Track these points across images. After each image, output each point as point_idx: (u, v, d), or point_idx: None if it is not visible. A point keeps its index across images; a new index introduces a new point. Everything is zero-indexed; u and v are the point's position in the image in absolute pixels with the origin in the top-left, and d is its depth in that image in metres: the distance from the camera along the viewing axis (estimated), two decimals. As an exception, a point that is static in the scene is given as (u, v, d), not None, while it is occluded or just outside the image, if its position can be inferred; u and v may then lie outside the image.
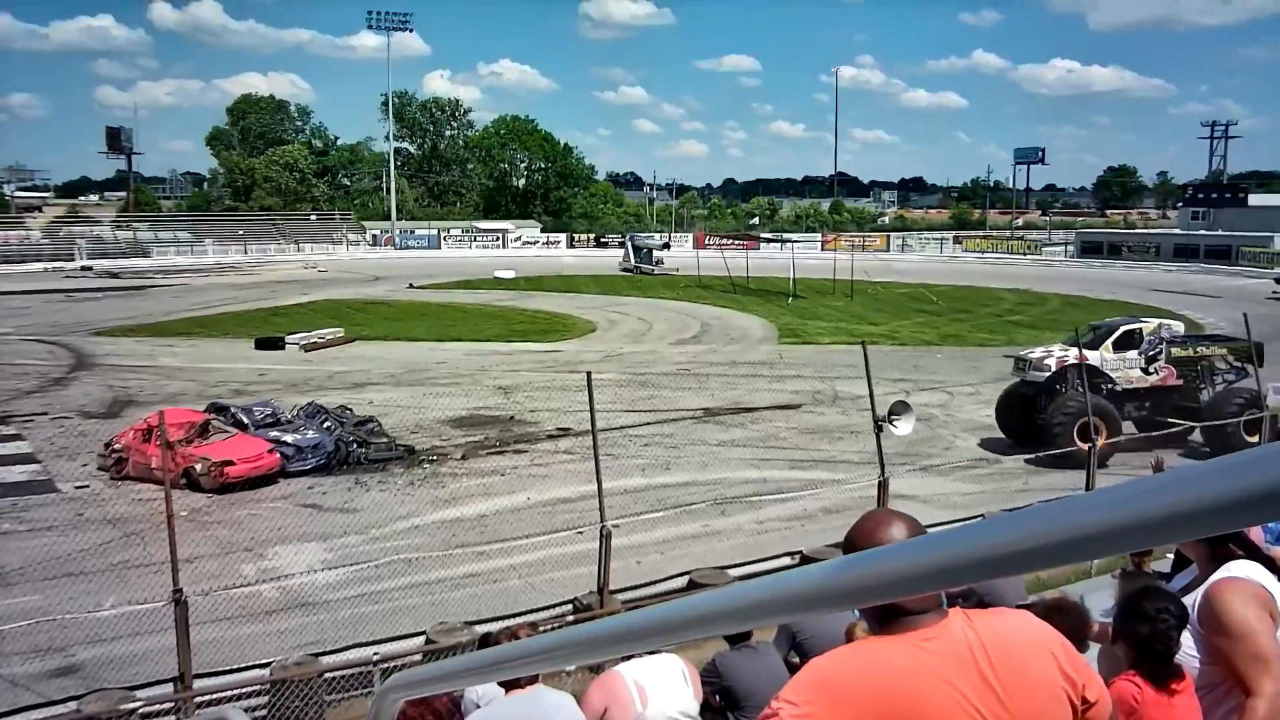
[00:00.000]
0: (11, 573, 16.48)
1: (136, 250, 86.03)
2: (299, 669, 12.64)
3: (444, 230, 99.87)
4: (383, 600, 15.24)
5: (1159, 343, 24.42)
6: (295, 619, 14.72)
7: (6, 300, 56.36)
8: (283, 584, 16.01)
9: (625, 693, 5.45)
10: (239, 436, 22.56)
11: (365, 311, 51.89)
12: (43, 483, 21.92)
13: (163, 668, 12.53)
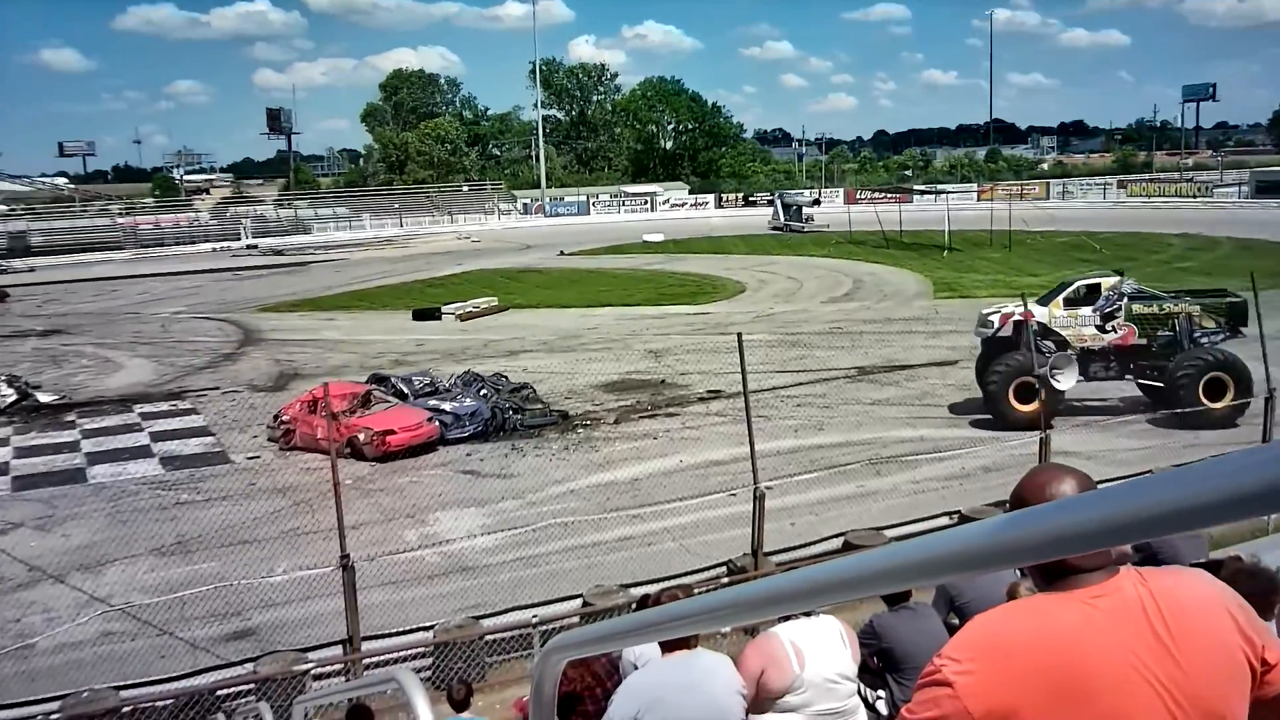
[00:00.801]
0: (191, 541, 17.30)
1: (298, 227, 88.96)
2: (461, 631, 12.96)
3: (592, 196, 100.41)
4: (540, 564, 15.51)
5: (1117, 299, 22.53)
6: (456, 583, 15.10)
7: (179, 280, 59.00)
8: (444, 549, 16.42)
9: (782, 654, 5.40)
10: (399, 406, 23.17)
11: (517, 280, 52.64)
12: (217, 454, 22.94)
13: (332, 630, 13.02)
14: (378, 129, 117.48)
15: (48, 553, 16.70)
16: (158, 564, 16.39)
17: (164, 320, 44.26)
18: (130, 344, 38.17)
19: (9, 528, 18.41)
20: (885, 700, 6.63)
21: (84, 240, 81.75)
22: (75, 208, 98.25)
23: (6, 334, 42.49)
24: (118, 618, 14.28)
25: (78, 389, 30.62)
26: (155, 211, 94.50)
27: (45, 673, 12.90)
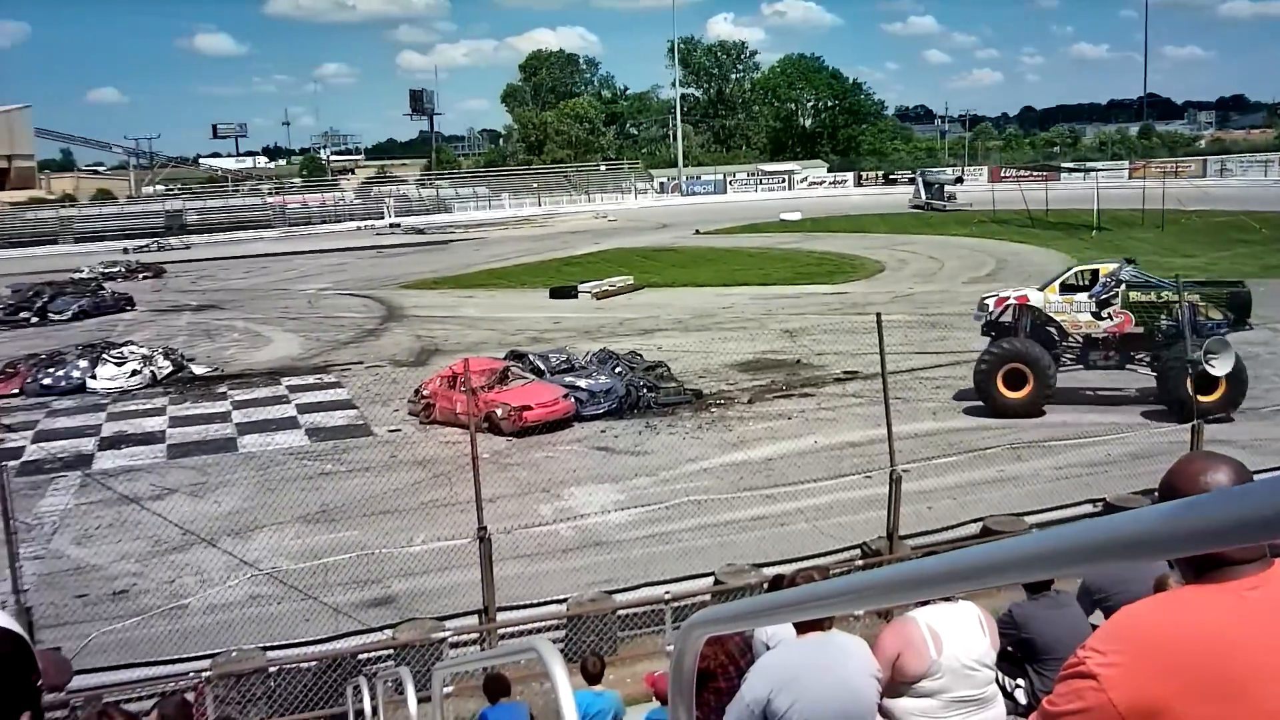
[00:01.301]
0: (334, 510, 17.80)
1: (439, 207, 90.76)
2: (594, 605, 13.07)
3: (729, 175, 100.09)
4: (672, 541, 15.54)
5: (1114, 285, 21.53)
6: (590, 557, 15.23)
7: (326, 258, 60.77)
8: (578, 523, 16.56)
9: (919, 638, 5.30)
10: (535, 383, 23.45)
11: (653, 259, 52.76)
12: (360, 427, 23.55)
13: (468, 600, 13.26)
14: (517, 109, 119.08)
15: (200, 517, 17.37)
16: (303, 531, 16.92)
17: (310, 296, 45.61)
18: (278, 319, 39.47)
19: (165, 493, 19.21)
20: (1024, 690, 6.45)
21: (236, 219, 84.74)
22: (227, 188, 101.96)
23: (163, 309, 44.36)
24: (265, 581, 14.78)
25: (229, 362, 31.81)
26: (303, 191, 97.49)
27: (197, 632, 13.42)
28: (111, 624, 13.08)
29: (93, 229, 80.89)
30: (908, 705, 5.33)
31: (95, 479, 19.76)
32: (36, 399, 27.43)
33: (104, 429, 24.34)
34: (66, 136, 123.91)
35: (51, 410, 26.31)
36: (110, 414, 25.71)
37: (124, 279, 53.70)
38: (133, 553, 16.33)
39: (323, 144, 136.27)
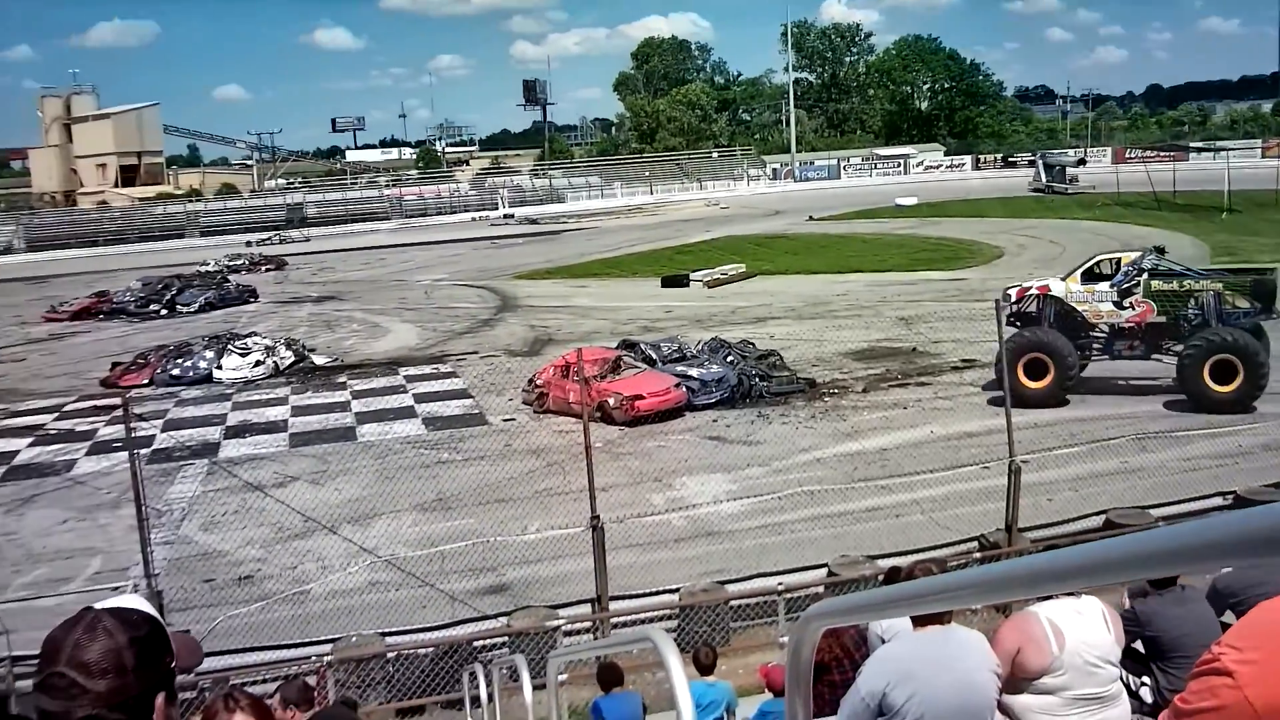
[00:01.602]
0: (450, 498, 18.06)
1: (552, 196, 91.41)
2: (706, 595, 13.04)
3: (843, 160, 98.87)
4: (785, 531, 15.43)
5: (1136, 274, 21.16)
6: (702, 547, 15.20)
7: (441, 249, 61.71)
8: (690, 513, 16.56)
9: (1040, 634, 5.15)
10: (648, 372, 23.47)
11: (766, 246, 52.42)
12: (475, 416, 23.87)
13: (581, 589, 13.34)
14: (629, 97, 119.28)
15: (321, 505, 17.77)
16: (420, 519, 17.22)
17: (427, 287, 46.36)
18: (396, 310, 40.22)
19: (287, 480, 19.71)
20: (1150, 688, 6.23)
21: (354, 211, 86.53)
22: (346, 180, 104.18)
23: (285, 300, 45.55)
24: (383, 568, 15.09)
25: (348, 352, 32.51)
26: (419, 183, 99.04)
27: (318, 617, 13.75)
28: (237, 608, 13.49)
29: (218, 223, 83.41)
30: (1028, 701, 5.19)
31: (221, 467, 20.37)
32: (166, 389, 28.38)
33: (229, 418, 25.08)
34: (193, 133, 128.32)
35: (180, 400, 27.21)
36: (235, 403, 26.49)
37: (247, 271, 55.28)
38: (257, 539, 16.80)
39: (438, 136, 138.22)
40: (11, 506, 19.85)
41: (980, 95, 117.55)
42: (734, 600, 13.04)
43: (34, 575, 16.16)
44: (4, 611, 12.86)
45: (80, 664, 1.89)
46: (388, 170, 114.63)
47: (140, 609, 2.08)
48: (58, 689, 1.88)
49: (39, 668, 1.93)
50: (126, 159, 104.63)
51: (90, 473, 21.27)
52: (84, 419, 25.57)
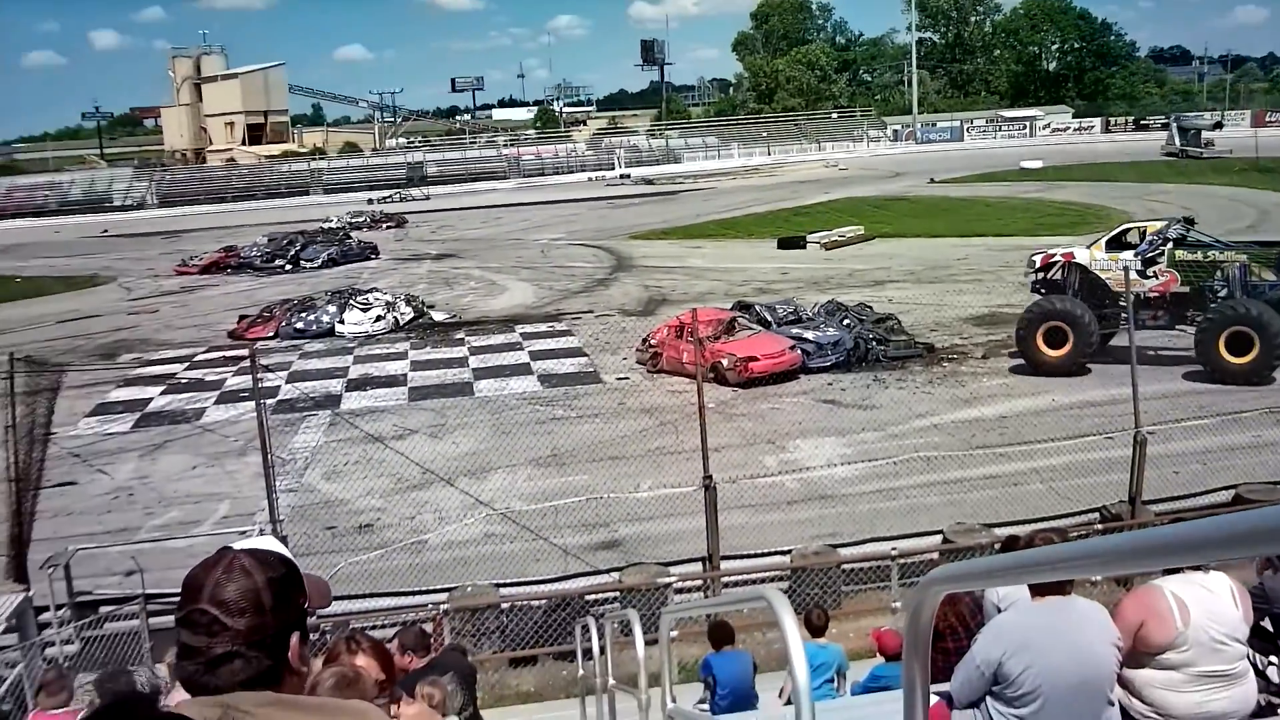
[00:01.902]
0: (564, 454, 18.26)
1: (668, 157, 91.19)
2: (818, 558, 13.00)
3: (967, 121, 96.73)
4: (899, 497, 15.28)
5: (1160, 243, 21.05)
6: (814, 510, 15.13)
7: (558, 208, 62.09)
8: (803, 476, 16.48)
9: (1164, 608, 5.01)
10: (762, 334, 23.35)
11: (885, 208, 51.62)
12: (589, 374, 24.06)
13: (692, 547, 13.41)
14: (748, 57, 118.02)
15: (439, 457, 18.12)
16: (534, 474, 17.46)
17: (543, 246, 46.71)
18: (513, 268, 40.64)
19: (406, 433, 20.13)
20: (1277, 668, 6.04)
21: (473, 170, 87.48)
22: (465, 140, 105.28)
23: (405, 257, 46.34)
24: (499, 521, 15.36)
25: (466, 309, 33.00)
26: (536, 143, 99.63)
27: (435, 567, 14.06)
28: (357, 555, 13.86)
29: (340, 181, 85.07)
30: (1150, 676, 5.07)
31: (343, 418, 20.90)
32: (290, 342, 29.17)
33: (351, 371, 25.70)
34: (317, 92, 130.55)
35: (304, 352, 27.95)
36: (357, 357, 27.12)
37: (369, 228, 56.37)
38: (376, 489, 17.22)
39: (556, 96, 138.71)
40: (145, 451, 20.66)
41: (1112, 56, 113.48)
42: (846, 564, 12.97)
43: (165, 518, 16.83)
44: (137, 551, 13.42)
45: (221, 601, 1.96)
46: (506, 130, 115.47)
47: (276, 551, 2.15)
48: (199, 625, 1.96)
49: (181, 604, 2.00)
50: (253, 118, 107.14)
51: (218, 421, 22.02)
52: (213, 369, 26.45)
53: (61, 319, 36.03)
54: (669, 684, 6.72)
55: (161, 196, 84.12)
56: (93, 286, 44.22)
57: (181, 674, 2.00)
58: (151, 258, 51.43)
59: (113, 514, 17.22)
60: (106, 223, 72.55)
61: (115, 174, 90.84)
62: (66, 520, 16.04)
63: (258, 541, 2.20)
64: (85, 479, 18.84)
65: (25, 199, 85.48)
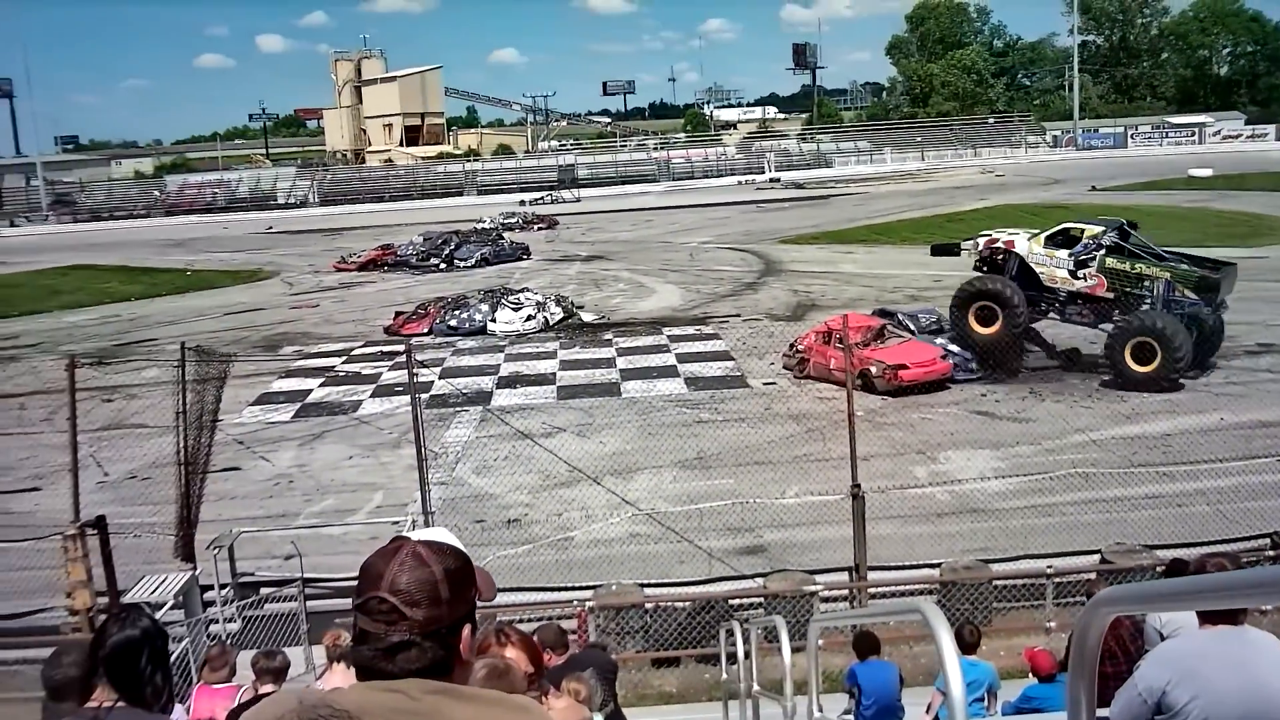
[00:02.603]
0: (710, 457, 18.27)
1: (819, 161, 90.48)
2: (968, 573, 12.71)
3: (1131, 127, 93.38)
4: (1055, 513, 14.83)
5: (1095, 248, 22.37)
6: (965, 523, 14.80)
7: (707, 212, 62.14)
8: (954, 488, 16.14)
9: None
10: (912, 341, 22.94)
11: (1042, 216, 49.93)
12: (736, 378, 24.02)
13: (838, 556, 13.27)
14: (902, 61, 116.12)
15: (586, 456, 18.31)
16: (680, 476, 17.51)
17: (692, 249, 46.80)
18: (661, 271, 40.82)
19: (554, 431, 20.39)
20: None
21: (623, 173, 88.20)
22: (616, 143, 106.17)
23: (556, 258, 46.97)
24: (644, 521, 15.44)
25: (614, 311, 33.29)
26: (686, 146, 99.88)
27: (580, 564, 14.22)
28: (505, 549, 14.08)
29: (494, 182, 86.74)
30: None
31: (494, 414, 21.30)
32: (443, 338, 29.85)
33: (502, 369, 26.16)
34: (472, 95, 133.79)
35: (456, 349, 28.54)
36: (508, 355, 27.59)
37: (521, 229, 57.29)
38: (525, 485, 17.49)
39: (706, 100, 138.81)
40: (304, 441, 21.39)
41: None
42: (998, 580, 12.66)
43: (322, 505, 17.40)
44: (296, 536, 13.89)
45: (400, 591, 2.00)
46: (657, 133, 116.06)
47: (451, 543, 2.19)
48: (378, 612, 2.00)
49: (359, 590, 2.05)
50: (410, 119, 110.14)
51: (374, 414, 22.68)
52: (369, 363, 27.22)
53: (228, 311, 37.61)
54: (815, 692, 6.66)
55: (322, 195, 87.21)
56: (257, 281, 46.03)
57: (357, 658, 2.06)
58: (312, 254, 53.30)
59: (273, 499, 17.89)
60: (271, 220, 75.47)
61: (279, 173, 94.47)
62: (230, 504, 16.70)
63: (432, 532, 2.24)
64: (248, 465, 19.61)
65: (196, 196, 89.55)
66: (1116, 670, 5.71)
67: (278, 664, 7.46)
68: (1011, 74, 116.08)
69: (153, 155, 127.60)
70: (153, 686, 3.42)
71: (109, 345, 32.37)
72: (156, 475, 16.16)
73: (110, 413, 22.25)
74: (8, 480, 18.95)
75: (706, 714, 10.68)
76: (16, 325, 37.59)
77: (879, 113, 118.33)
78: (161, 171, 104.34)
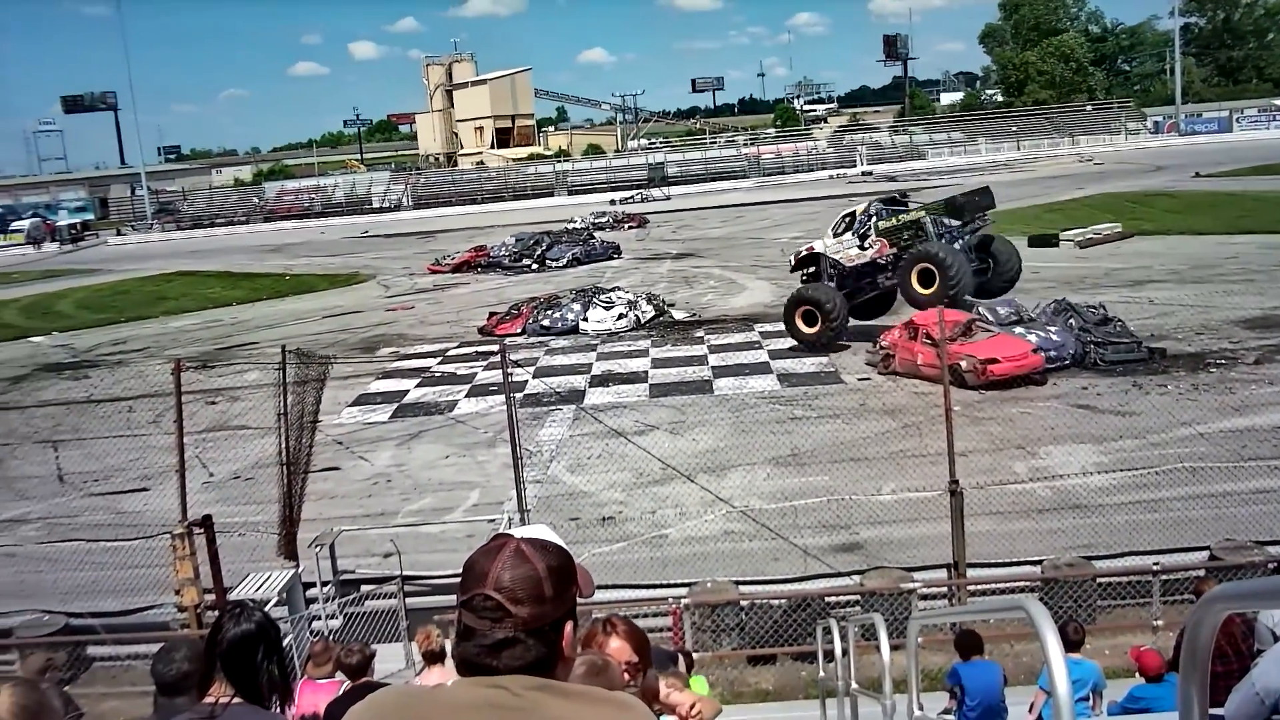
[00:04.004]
0: (804, 454, 18.13)
1: (912, 153, 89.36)
2: (1071, 570, 12.45)
3: (1236, 111, 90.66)
4: (1160, 509, 14.42)
5: (867, 220, 25.99)
6: (1067, 520, 14.44)
7: (798, 207, 61.74)
8: (1055, 484, 15.80)
9: None
10: (1003, 334, 22.45)
11: (1144, 204, 48.95)
12: (829, 374, 23.80)
13: (937, 553, 13.06)
14: (996, 49, 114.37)
15: (678, 454, 18.26)
16: (774, 473, 17.40)
17: (783, 245, 46.50)
18: (752, 267, 40.65)
19: (647, 429, 20.41)
20: None
21: (713, 170, 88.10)
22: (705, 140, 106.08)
23: (646, 256, 47.06)
24: (738, 518, 15.37)
25: (706, 308, 33.21)
26: (776, 141, 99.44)
27: (675, 561, 14.21)
28: (600, 547, 14.13)
29: (584, 182, 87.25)
30: None
31: (587, 413, 21.39)
32: (536, 338, 30.07)
33: (594, 367, 26.26)
34: (561, 96, 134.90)
35: (550, 349, 28.73)
36: (600, 354, 27.69)
37: (611, 228, 57.50)
38: (619, 483, 17.52)
39: (796, 94, 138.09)
40: (401, 441, 21.69)
41: None
42: (1102, 577, 12.37)
43: (420, 504, 17.61)
44: (395, 535, 14.10)
45: (505, 589, 2.02)
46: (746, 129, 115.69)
47: (553, 540, 2.19)
48: (484, 609, 2.03)
49: (464, 587, 2.07)
50: (501, 122, 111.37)
51: (469, 413, 22.91)
52: (464, 363, 27.54)
53: (326, 314, 38.34)
54: (916, 691, 6.56)
55: (416, 198, 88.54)
56: (354, 284, 46.83)
57: (461, 654, 2.07)
58: (407, 257, 54.11)
59: (372, 498, 18.15)
60: (366, 223, 76.84)
61: (374, 177, 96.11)
62: (330, 503, 17.01)
63: (532, 530, 2.25)
64: (348, 465, 19.94)
65: (293, 201, 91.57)
66: (1228, 669, 5.55)
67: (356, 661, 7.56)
68: (1111, 60, 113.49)
69: (251, 163, 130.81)
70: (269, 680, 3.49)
71: (212, 349, 33.18)
72: (259, 475, 16.55)
73: (214, 415, 22.82)
74: (118, 480, 19.52)
75: (803, 712, 10.61)
76: (124, 331, 38.76)
77: (972, 102, 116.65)
78: (260, 178, 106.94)
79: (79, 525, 17.26)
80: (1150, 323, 24.76)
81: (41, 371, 32.25)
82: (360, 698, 2.21)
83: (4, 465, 21.78)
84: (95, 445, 21.06)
